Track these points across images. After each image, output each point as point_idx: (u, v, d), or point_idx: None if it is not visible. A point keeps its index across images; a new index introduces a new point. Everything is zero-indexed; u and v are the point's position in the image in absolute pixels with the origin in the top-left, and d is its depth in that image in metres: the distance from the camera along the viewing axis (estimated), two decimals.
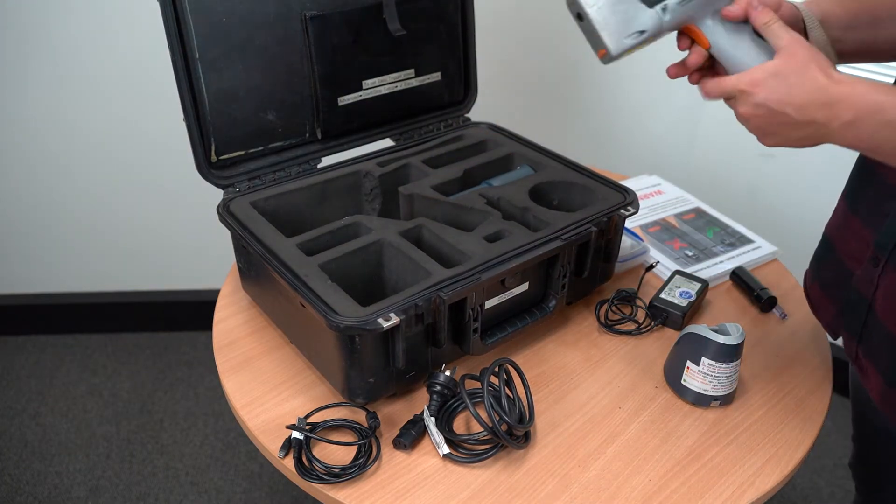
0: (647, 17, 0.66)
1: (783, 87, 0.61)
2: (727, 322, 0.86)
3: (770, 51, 0.66)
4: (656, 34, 0.68)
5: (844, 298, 0.82)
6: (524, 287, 0.91)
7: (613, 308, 1.01)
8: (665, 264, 1.10)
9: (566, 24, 1.81)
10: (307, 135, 1.06)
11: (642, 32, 0.67)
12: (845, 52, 0.73)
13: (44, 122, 1.71)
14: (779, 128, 0.63)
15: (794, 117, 0.61)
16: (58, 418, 1.79)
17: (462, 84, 1.20)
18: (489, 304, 0.87)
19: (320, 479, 0.76)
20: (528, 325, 0.92)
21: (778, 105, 0.62)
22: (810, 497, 1.65)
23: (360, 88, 1.07)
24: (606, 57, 0.68)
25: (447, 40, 1.14)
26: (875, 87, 0.59)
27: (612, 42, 0.66)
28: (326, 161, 1.07)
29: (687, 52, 0.71)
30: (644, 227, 1.20)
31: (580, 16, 0.67)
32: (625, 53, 0.68)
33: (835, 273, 0.84)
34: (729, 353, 0.83)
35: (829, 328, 0.88)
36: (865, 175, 0.79)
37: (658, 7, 0.66)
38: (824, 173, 1.58)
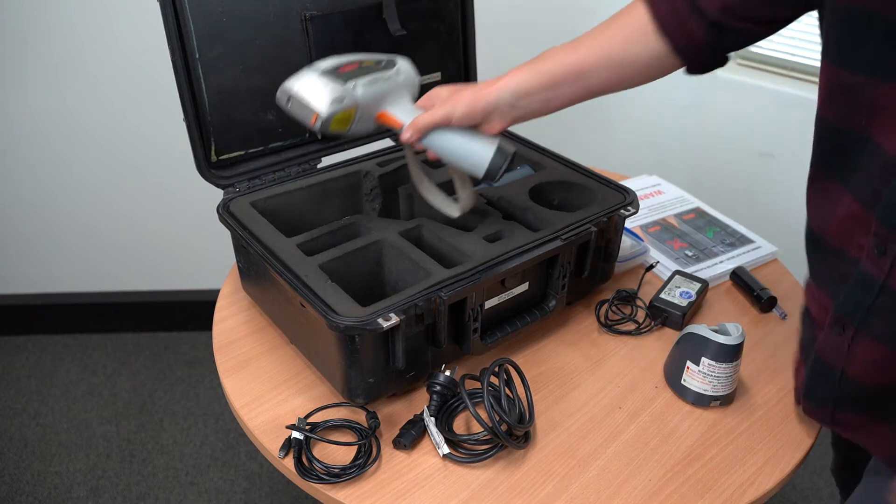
0: (343, 90, 0.82)
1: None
2: (727, 322, 0.86)
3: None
4: (355, 106, 0.83)
5: (809, 366, 0.77)
6: (524, 287, 0.91)
7: (613, 308, 1.01)
8: (665, 264, 1.10)
9: (566, 24, 1.81)
10: (307, 135, 1.06)
11: (341, 100, 0.81)
12: (552, 109, 0.87)
13: (44, 122, 1.71)
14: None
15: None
16: (58, 418, 1.79)
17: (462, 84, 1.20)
18: (489, 304, 0.87)
19: (320, 479, 0.76)
20: (527, 326, 0.92)
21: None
22: (810, 497, 1.65)
23: None
24: (318, 121, 0.81)
25: (447, 40, 1.14)
26: None
27: (320, 106, 0.81)
28: (326, 161, 1.07)
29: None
30: (644, 227, 1.20)
31: (289, 98, 0.83)
32: (335, 121, 0.82)
33: (807, 335, 0.81)
34: (729, 353, 0.83)
35: (797, 393, 0.83)
36: (811, 242, 0.77)
37: (349, 84, 0.83)
38: None
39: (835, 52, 0.66)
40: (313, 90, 0.82)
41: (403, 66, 0.91)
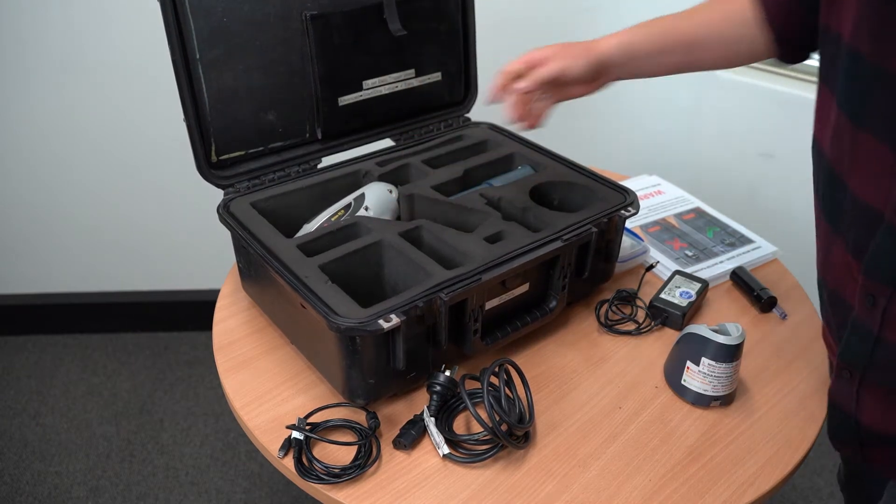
0: None
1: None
2: (727, 322, 0.86)
3: None
4: None
5: (829, 408, 0.77)
6: (525, 288, 0.91)
7: (613, 308, 1.01)
8: (665, 264, 1.10)
9: (566, 24, 1.81)
10: (307, 135, 1.06)
11: None
12: (660, 73, 0.89)
13: (44, 123, 1.71)
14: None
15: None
16: (58, 418, 1.79)
17: (462, 84, 1.20)
18: (489, 304, 0.87)
19: (320, 480, 0.76)
20: (528, 326, 0.91)
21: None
22: (810, 497, 1.65)
23: (360, 88, 1.07)
24: None
25: (447, 40, 1.14)
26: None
27: None
28: (326, 161, 1.07)
29: None
30: (644, 227, 1.20)
31: None
32: None
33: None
34: (729, 353, 0.83)
35: None
36: (819, 281, 0.76)
37: None
38: None
39: (842, 96, 0.65)
40: None
41: (371, 196, 0.97)
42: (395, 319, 0.76)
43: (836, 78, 0.64)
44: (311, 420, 0.82)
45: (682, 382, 0.87)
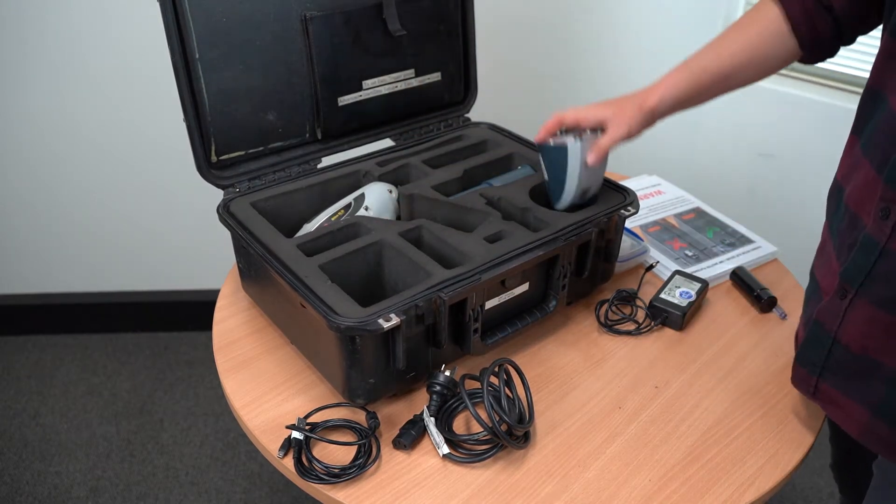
0: None
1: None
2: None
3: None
4: None
5: (808, 329, 0.79)
6: (524, 287, 0.91)
7: (613, 308, 1.01)
8: (665, 264, 1.10)
9: (566, 24, 1.81)
10: (307, 135, 1.06)
11: None
12: (699, 105, 0.94)
13: (44, 122, 1.71)
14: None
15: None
16: (58, 418, 1.79)
17: (462, 84, 1.20)
18: (489, 304, 0.87)
19: (320, 479, 0.76)
20: (528, 326, 0.92)
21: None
22: (810, 497, 1.65)
23: (360, 88, 1.07)
24: None
25: (447, 40, 1.14)
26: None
27: None
28: (326, 161, 1.07)
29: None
30: (644, 227, 1.20)
31: None
32: None
33: (811, 309, 0.82)
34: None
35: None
36: (834, 201, 0.79)
37: None
38: (824, 173, 1.58)
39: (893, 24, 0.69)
40: None
41: (371, 196, 0.98)
42: (394, 319, 0.76)
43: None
44: (310, 420, 0.82)
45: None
